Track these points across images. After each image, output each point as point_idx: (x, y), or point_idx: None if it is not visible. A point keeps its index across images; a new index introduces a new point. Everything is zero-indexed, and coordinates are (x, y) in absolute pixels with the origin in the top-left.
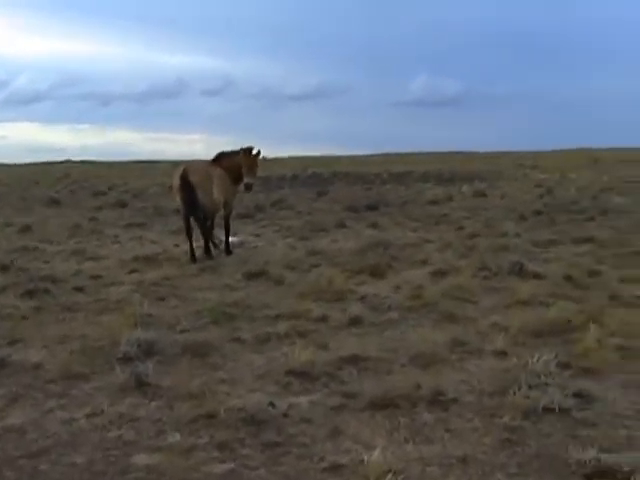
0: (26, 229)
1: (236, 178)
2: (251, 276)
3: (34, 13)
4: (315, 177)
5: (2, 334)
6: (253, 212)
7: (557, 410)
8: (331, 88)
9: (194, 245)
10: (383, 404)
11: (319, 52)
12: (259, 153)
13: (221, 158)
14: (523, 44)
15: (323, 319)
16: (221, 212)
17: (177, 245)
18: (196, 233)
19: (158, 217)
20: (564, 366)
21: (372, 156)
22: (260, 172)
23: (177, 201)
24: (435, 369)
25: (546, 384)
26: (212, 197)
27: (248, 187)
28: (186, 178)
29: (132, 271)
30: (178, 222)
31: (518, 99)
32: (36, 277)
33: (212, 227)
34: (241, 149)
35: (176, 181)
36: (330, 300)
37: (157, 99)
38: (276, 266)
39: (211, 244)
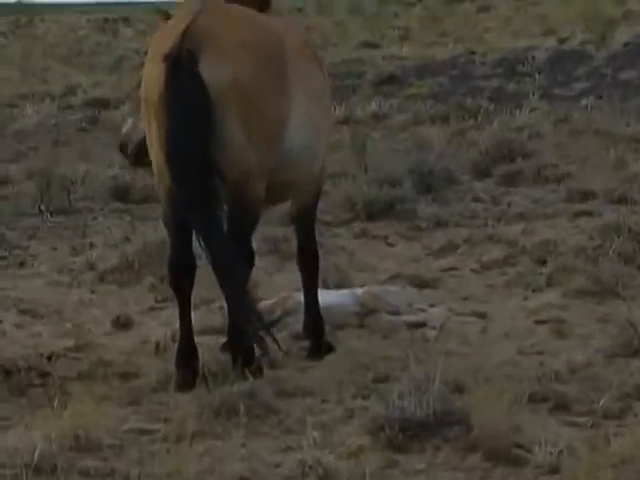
0: None
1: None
2: (410, 437)
3: None
4: None
5: None
6: (408, 196)
7: None
8: None
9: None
10: None
11: None
12: None
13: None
14: None
15: None
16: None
17: (123, 323)
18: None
19: (55, 216)
20: None
21: None
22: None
23: (154, 155)
24: None
25: None
26: (277, 140)
27: None
28: (191, 66)
29: None
30: (141, 232)
31: None
32: None
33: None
34: None
35: (153, 78)
36: None
37: None
38: (498, 395)
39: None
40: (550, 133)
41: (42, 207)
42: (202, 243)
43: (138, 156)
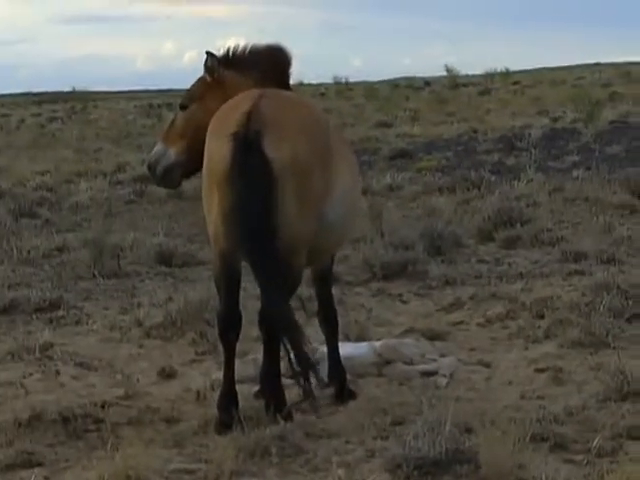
0: None
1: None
2: (425, 474)
3: None
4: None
5: None
6: (420, 258)
7: None
8: None
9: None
10: None
11: None
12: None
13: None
14: None
15: None
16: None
17: (167, 374)
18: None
19: (107, 280)
20: None
21: None
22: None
23: (211, 221)
24: None
25: None
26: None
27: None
28: (257, 145)
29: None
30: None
31: None
32: None
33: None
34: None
35: (221, 154)
36: None
37: None
38: (503, 436)
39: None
40: (545, 201)
41: (95, 272)
42: (262, 294)
43: (163, 179)
